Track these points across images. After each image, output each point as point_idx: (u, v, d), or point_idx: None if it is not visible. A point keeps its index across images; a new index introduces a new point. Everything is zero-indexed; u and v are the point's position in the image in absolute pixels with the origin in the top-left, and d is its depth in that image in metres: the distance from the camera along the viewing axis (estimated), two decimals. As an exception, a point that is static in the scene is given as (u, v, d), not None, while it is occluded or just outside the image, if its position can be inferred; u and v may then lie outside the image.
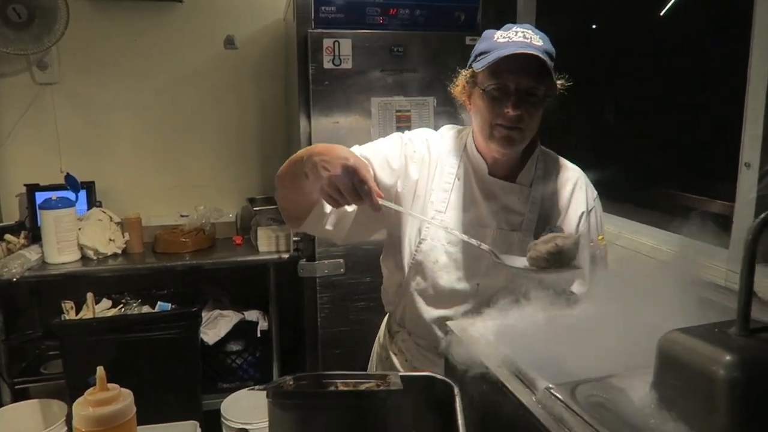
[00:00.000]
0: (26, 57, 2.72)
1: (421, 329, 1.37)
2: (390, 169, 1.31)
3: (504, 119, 1.21)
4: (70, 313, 2.37)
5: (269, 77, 3.03)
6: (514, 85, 1.19)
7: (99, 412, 0.78)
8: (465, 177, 1.34)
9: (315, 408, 0.68)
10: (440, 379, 1.00)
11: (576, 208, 1.34)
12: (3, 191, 2.84)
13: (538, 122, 1.26)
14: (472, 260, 1.31)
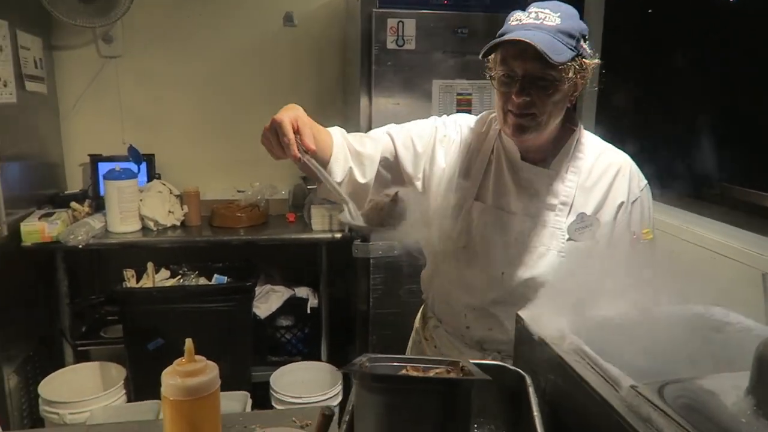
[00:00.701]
0: (93, 30, 2.79)
1: (449, 317, 1.37)
2: (413, 150, 1.31)
3: (513, 106, 1.17)
4: (131, 281, 2.46)
5: (326, 56, 3.03)
6: (521, 71, 1.14)
7: (188, 382, 0.80)
8: (497, 162, 1.31)
9: (401, 392, 0.69)
10: (512, 369, 0.99)
11: (615, 196, 1.27)
12: (68, 160, 2.94)
13: (557, 107, 1.18)
14: (497, 248, 1.28)
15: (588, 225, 1.26)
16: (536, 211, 1.27)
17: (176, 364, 0.82)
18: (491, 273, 1.27)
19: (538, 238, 1.26)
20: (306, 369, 2.68)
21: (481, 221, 1.28)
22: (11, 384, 2.27)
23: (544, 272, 1.25)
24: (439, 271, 1.37)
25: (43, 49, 2.64)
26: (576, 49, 1.14)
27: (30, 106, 2.51)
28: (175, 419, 0.81)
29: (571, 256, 1.25)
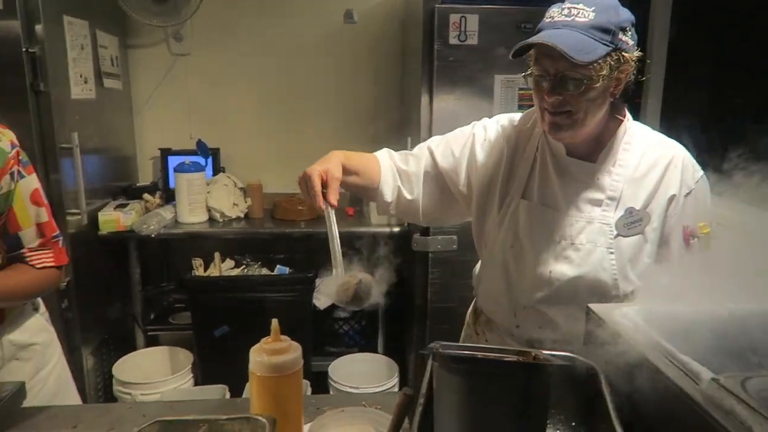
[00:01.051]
0: (164, 29, 2.92)
1: (499, 315, 1.37)
2: (453, 158, 1.37)
3: (547, 105, 1.16)
4: (199, 270, 2.56)
5: (385, 52, 3.06)
6: (552, 70, 1.13)
7: (273, 360, 0.84)
8: (542, 159, 1.30)
9: (481, 375, 0.71)
10: (583, 361, 0.99)
11: (666, 189, 1.23)
12: (140, 154, 3.09)
13: (594, 104, 1.16)
14: (544, 246, 1.27)
15: (637, 220, 1.23)
16: (583, 207, 1.25)
17: (263, 342, 0.87)
18: (538, 272, 1.26)
19: (585, 235, 1.24)
20: (363, 360, 2.73)
21: (527, 220, 1.28)
22: (89, 364, 2.41)
23: (593, 270, 1.23)
24: (487, 270, 1.37)
25: (119, 47, 2.78)
26: (612, 44, 1.11)
27: (107, 102, 2.65)
28: (261, 394, 0.86)
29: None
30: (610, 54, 1.12)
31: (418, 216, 1.43)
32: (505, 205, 1.31)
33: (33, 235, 1.27)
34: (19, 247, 1.26)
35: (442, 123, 2.18)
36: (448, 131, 2.14)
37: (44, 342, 1.37)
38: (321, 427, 0.82)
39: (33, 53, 2.00)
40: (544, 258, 1.26)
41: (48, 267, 1.29)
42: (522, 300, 1.30)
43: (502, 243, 1.31)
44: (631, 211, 1.23)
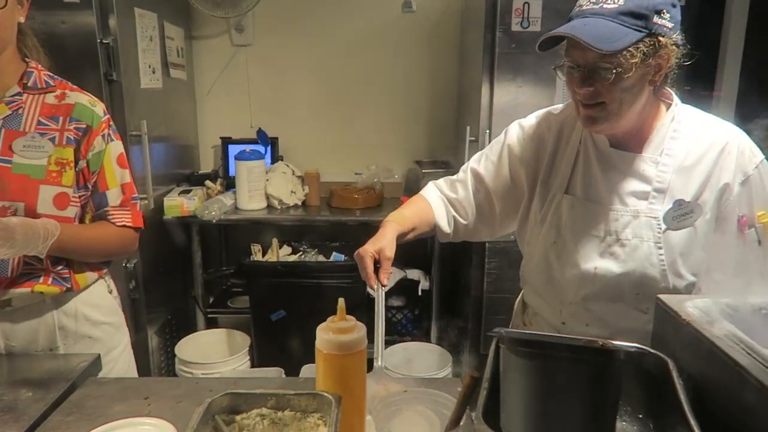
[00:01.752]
0: (227, 20, 2.99)
1: (545, 311, 1.34)
2: (493, 166, 1.37)
3: (580, 97, 1.12)
4: (258, 255, 2.63)
5: (443, 41, 3.04)
6: (581, 61, 1.08)
7: (340, 338, 0.86)
8: (584, 152, 1.25)
9: (553, 358, 0.70)
10: (652, 352, 0.96)
11: (719, 177, 1.16)
12: (201, 142, 3.18)
13: (630, 93, 1.10)
14: (588, 243, 1.22)
15: (687, 212, 1.17)
16: (628, 200, 1.20)
17: (330, 321, 0.88)
18: (583, 269, 1.22)
19: (631, 229, 1.19)
20: (416, 349, 2.73)
21: (570, 215, 1.24)
22: (153, 343, 2.51)
23: (640, 266, 1.18)
24: (531, 267, 1.34)
25: (184, 39, 2.87)
26: (645, 29, 1.06)
27: (172, 92, 2.75)
28: (327, 372, 0.88)
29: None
30: (643, 40, 1.06)
31: (480, 237, 1.45)
32: (548, 201, 1.28)
33: (116, 195, 1.37)
34: (105, 205, 1.36)
35: (503, 112, 2.16)
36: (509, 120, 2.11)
37: (115, 323, 1.44)
38: (385, 407, 0.83)
39: (107, 44, 2.09)
40: (588, 254, 1.22)
41: (126, 226, 1.38)
42: (567, 297, 1.26)
43: (544, 239, 1.28)
44: (681, 203, 1.17)
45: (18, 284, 1.26)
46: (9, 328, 1.29)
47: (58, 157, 1.27)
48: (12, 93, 1.27)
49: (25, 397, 1.12)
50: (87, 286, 1.36)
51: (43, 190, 1.25)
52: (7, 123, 1.25)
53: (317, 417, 0.84)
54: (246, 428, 0.82)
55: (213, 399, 0.82)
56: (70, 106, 1.30)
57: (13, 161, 1.23)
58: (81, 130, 1.30)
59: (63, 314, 1.33)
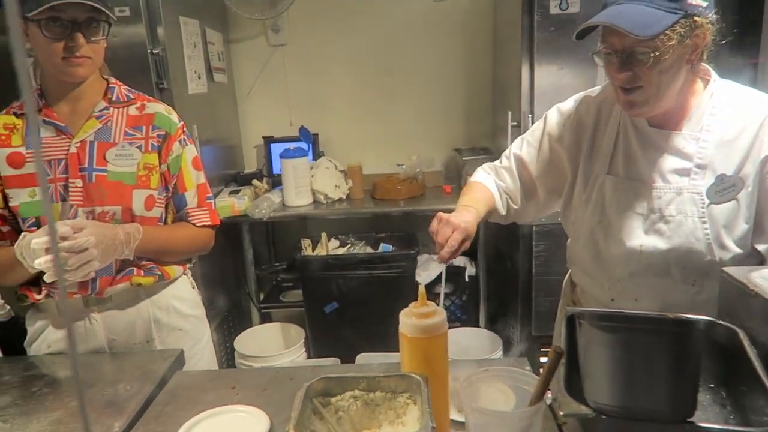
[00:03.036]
0: (263, 22, 3.06)
1: (594, 289, 1.36)
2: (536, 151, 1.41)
3: (619, 82, 1.14)
4: (308, 250, 2.70)
5: (476, 28, 3.05)
6: (619, 46, 1.10)
7: (423, 322, 0.91)
8: (624, 132, 1.27)
9: (636, 330, 0.74)
10: (722, 324, 0.99)
11: (759, 149, 1.17)
12: (244, 142, 3.27)
13: (667, 75, 1.11)
14: (633, 221, 1.25)
15: (729, 186, 1.18)
16: (670, 177, 1.22)
17: (412, 306, 0.94)
18: (629, 247, 1.25)
19: (675, 206, 1.21)
20: (465, 334, 2.78)
21: (614, 195, 1.26)
22: (214, 339, 2.60)
23: (686, 241, 1.20)
24: (577, 246, 1.37)
25: (223, 42, 2.95)
26: (681, 11, 1.07)
27: (216, 95, 2.83)
28: (412, 354, 0.93)
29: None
30: (679, 22, 1.07)
31: (526, 219, 1.52)
32: (591, 181, 1.31)
33: (193, 195, 1.48)
34: (184, 206, 1.47)
35: (545, 95, 2.17)
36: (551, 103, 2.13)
37: (200, 316, 1.56)
38: (469, 386, 0.88)
39: (156, 54, 2.17)
40: (633, 232, 1.25)
41: (206, 226, 1.50)
42: (614, 274, 1.29)
43: (589, 219, 1.31)
44: (723, 178, 1.18)
45: (118, 280, 1.38)
46: (111, 323, 1.41)
47: (146, 163, 1.39)
48: (100, 108, 1.39)
49: (123, 392, 1.20)
50: (175, 278, 1.48)
51: (136, 194, 1.37)
52: (99, 135, 1.37)
53: (406, 397, 0.90)
54: (341, 409, 0.88)
55: (310, 383, 0.88)
56: (151, 116, 1.42)
57: (108, 170, 1.36)
58: (161, 136, 1.42)
59: (156, 307, 1.45)
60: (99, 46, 1.32)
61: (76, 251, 1.19)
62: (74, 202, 1.33)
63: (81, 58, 1.28)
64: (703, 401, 0.95)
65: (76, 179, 1.34)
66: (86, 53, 1.28)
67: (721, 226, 1.19)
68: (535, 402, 0.82)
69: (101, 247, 1.23)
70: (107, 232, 1.26)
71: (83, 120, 1.37)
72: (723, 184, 1.19)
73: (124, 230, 1.31)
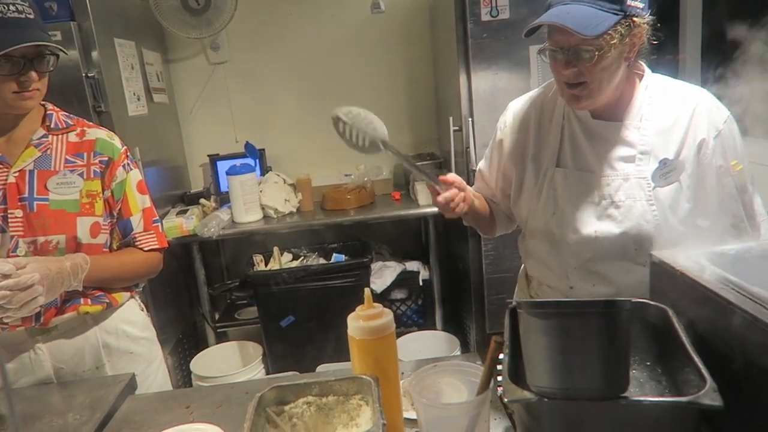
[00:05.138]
0: (201, 40, 3.04)
1: (552, 279, 1.42)
2: (488, 161, 1.52)
3: (564, 78, 1.21)
4: (260, 265, 2.69)
5: (414, 37, 3.12)
6: (565, 44, 1.17)
7: (370, 324, 0.93)
8: (569, 126, 1.35)
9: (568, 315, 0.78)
10: (652, 303, 1.05)
11: (695, 134, 1.27)
12: (190, 162, 3.23)
13: (608, 71, 1.20)
14: (586, 209, 1.32)
15: (672, 169, 1.27)
16: (617, 165, 1.30)
17: (359, 310, 0.96)
18: (584, 234, 1.31)
19: (623, 191, 1.29)
20: (423, 338, 2.81)
21: (565, 186, 1.33)
22: (168, 363, 2.55)
23: (636, 224, 1.28)
24: (533, 240, 1.43)
25: (162, 63, 2.92)
26: (621, 11, 1.15)
27: (157, 116, 2.79)
28: (361, 357, 0.95)
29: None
30: (620, 22, 1.15)
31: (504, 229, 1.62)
32: (541, 175, 1.37)
33: (139, 219, 1.46)
34: (130, 231, 1.45)
35: (483, 99, 2.24)
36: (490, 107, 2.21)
37: (150, 338, 1.54)
38: (419, 381, 0.91)
39: (92, 77, 2.13)
40: (587, 220, 1.31)
41: (153, 249, 1.49)
42: (572, 262, 1.35)
43: (543, 212, 1.36)
44: (665, 162, 1.27)
45: (64, 310, 1.35)
46: (57, 352, 1.37)
47: (88, 190, 1.37)
48: (39, 136, 1.37)
49: (73, 421, 1.17)
50: (123, 303, 1.45)
51: (80, 221, 1.35)
52: (39, 164, 1.35)
53: (359, 398, 0.92)
54: (295, 416, 0.89)
55: (262, 393, 0.89)
56: (92, 142, 1.40)
57: (50, 198, 1.33)
58: (104, 162, 1.40)
59: (105, 332, 1.42)
60: (47, 77, 1.32)
61: (21, 289, 1.16)
62: (14, 232, 1.30)
63: (32, 91, 1.28)
64: (641, 378, 1.01)
65: (16, 209, 1.30)
66: (36, 86, 1.28)
67: (666, 207, 1.27)
68: (482, 392, 0.85)
69: (46, 282, 1.21)
70: (52, 266, 1.24)
71: (21, 149, 1.35)
72: (666, 168, 1.27)
73: (71, 261, 1.28)
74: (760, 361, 0.82)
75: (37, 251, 1.31)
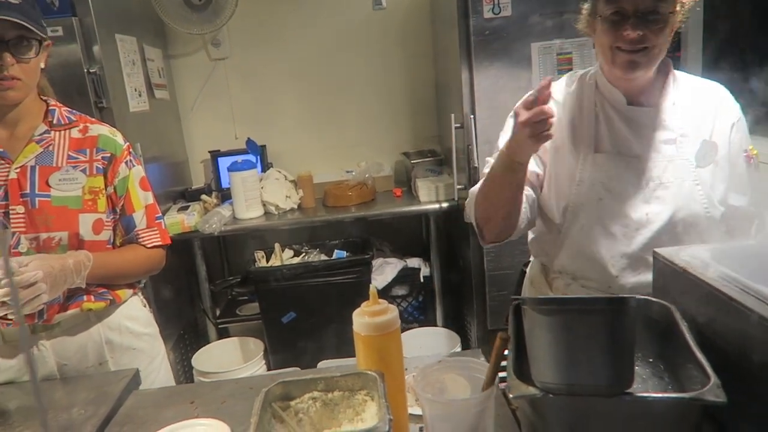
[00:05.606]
0: (202, 36, 3.04)
1: (592, 271, 1.35)
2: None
3: (624, 42, 1.20)
4: (262, 262, 2.69)
5: (416, 34, 3.12)
6: (631, 7, 1.18)
7: (376, 320, 0.94)
8: (603, 113, 1.34)
9: (572, 312, 0.79)
10: (656, 301, 1.06)
11: (724, 119, 1.32)
12: (191, 158, 3.23)
13: (667, 41, 1.22)
14: (633, 192, 1.30)
15: (710, 149, 1.30)
16: (659, 148, 1.31)
17: (364, 306, 0.96)
18: (635, 218, 1.30)
19: (670, 172, 1.29)
20: (424, 335, 2.82)
21: (610, 171, 1.31)
22: (170, 359, 2.56)
23: (685, 203, 1.28)
24: (572, 231, 1.36)
25: (163, 59, 2.91)
26: None
27: (158, 112, 2.79)
28: (367, 353, 0.95)
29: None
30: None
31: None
32: (580, 162, 1.33)
33: (142, 216, 1.46)
34: (133, 228, 1.45)
35: (485, 96, 2.25)
36: (492, 104, 2.21)
37: (153, 334, 1.54)
38: (424, 377, 0.91)
39: (93, 73, 2.13)
40: (636, 204, 1.30)
41: (156, 246, 1.48)
42: (620, 249, 1.31)
43: (587, 199, 1.32)
44: (705, 143, 1.30)
45: (67, 307, 1.35)
46: (61, 348, 1.38)
47: (91, 186, 1.36)
48: (40, 132, 1.36)
49: (78, 416, 1.18)
50: (126, 300, 1.45)
51: (82, 218, 1.34)
52: (41, 160, 1.34)
53: (364, 393, 0.92)
54: (301, 411, 0.90)
55: (268, 388, 0.89)
56: (94, 138, 1.40)
57: (52, 195, 1.33)
58: (107, 159, 1.40)
59: (108, 329, 1.42)
60: (30, 66, 1.28)
61: (24, 286, 1.16)
62: (16, 229, 1.30)
63: (12, 80, 1.25)
64: (643, 375, 1.01)
65: (17, 205, 1.30)
66: (16, 74, 1.25)
67: (709, 187, 1.29)
68: (487, 387, 0.86)
69: (50, 280, 1.21)
70: (55, 264, 1.24)
71: (23, 144, 1.34)
72: (705, 149, 1.30)
73: (74, 259, 1.28)
74: (764, 358, 0.83)
75: (39, 248, 1.31)
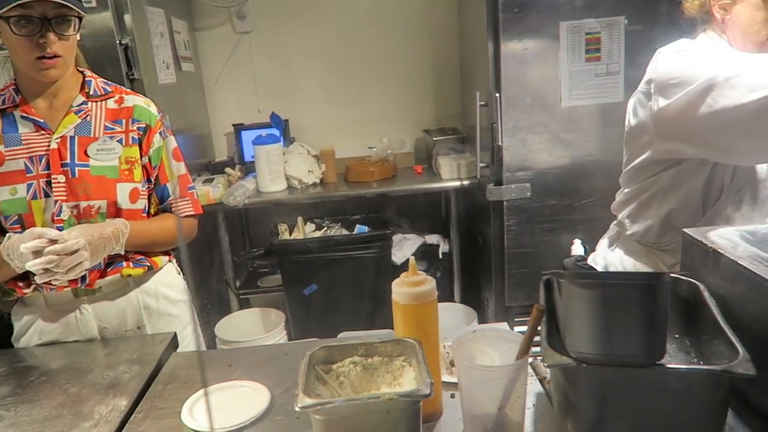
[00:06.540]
0: (227, 9, 3.05)
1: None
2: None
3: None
4: (284, 234, 2.74)
5: (442, 9, 3.10)
6: None
7: (415, 290, 0.98)
8: None
9: (609, 285, 0.82)
10: (684, 279, 1.09)
11: None
12: (214, 131, 3.27)
13: None
14: None
15: None
16: None
17: (403, 276, 1.00)
18: None
19: None
20: (442, 310, 2.77)
21: None
22: (195, 327, 2.64)
23: None
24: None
25: (188, 31, 2.93)
26: None
27: (184, 85, 2.82)
28: (405, 321, 1.00)
29: None
30: None
31: None
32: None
33: (175, 186, 1.52)
34: (166, 197, 1.51)
35: (511, 75, 2.25)
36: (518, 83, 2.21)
37: (187, 301, 1.59)
38: (459, 346, 0.95)
39: (125, 44, 2.16)
40: None
41: (189, 215, 1.54)
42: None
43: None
44: None
45: (107, 272, 1.41)
46: (101, 312, 1.44)
47: (127, 156, 1.41)
48: (78, 103, 1.39)
49: (123, 374, 1.24)
50: (162, 267, 1.51)
51: (120, 187, 1.39)
52: (79, 130, 1.38)
53: (402, 360, 0.96)
54: (342, 374, 0.94)
55: (312, 352, 0.94)
56: (130, 109, 1.44)
57: (90, 164, 1.37)
58: (142, 129, 1.44)
59: (145, 294, 1.49)
60: (69, 42, 1.32)
61: (67, 253, 1.21)
62: (58, 197, 1.35)
63: (53, 58, 1.29)
64: (670, 350, 1.05)
65: (59, 174, 1.35)
66: (57, 51, 1.29)
67: None
68: (522, 356, 0.90)
69: (90, 247, 1.26)
70: (94, 232, 1.29)
71: (62, 115, 1.38)
72: None
73: (112, 227, 1.34)
74: (792, 334, 0.86)
75: (80, 215, 1.36)
